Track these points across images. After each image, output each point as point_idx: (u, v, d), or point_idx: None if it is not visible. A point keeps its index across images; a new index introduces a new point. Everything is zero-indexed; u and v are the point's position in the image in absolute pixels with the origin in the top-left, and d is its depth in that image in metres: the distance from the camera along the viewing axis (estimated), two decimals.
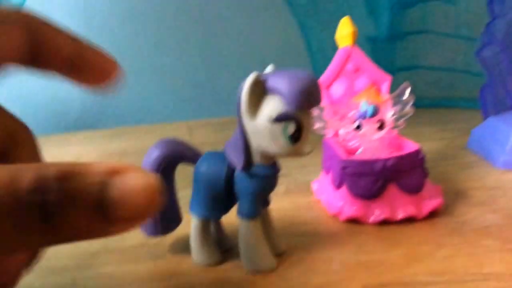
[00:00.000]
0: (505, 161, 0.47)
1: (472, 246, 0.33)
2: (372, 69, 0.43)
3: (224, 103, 0.90)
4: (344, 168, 0.38)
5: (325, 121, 0.42)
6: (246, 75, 0.27)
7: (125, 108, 0.90)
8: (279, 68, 0.29)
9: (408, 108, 0.41)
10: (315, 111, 0.41)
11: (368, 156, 0.38)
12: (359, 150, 0.40)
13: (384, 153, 0.39)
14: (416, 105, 0.77)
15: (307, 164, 0.55)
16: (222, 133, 0.72)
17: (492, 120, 0.52)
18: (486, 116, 0.56)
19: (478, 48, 0.56)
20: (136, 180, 0.16)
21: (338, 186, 0.39)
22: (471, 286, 0.28)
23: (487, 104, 0.57)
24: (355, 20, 0.75)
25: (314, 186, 0.44)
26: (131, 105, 0.90)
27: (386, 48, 0.75)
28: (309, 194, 0.44)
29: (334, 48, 0.44)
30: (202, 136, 0.71)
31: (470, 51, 0.69)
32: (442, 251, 0.33)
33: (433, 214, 0.38)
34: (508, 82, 0.53)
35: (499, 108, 0.55)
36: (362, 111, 0.39)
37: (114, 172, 0.16)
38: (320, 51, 0.83)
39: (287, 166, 0.54)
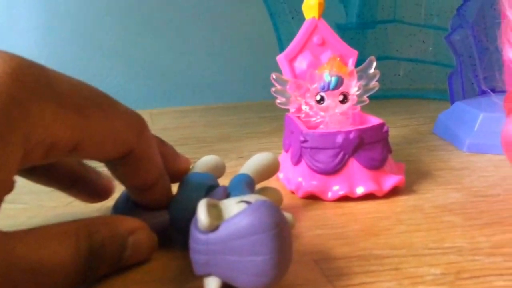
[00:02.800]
0: (471, 144, 0.46)
1: (433, 222, 0.31)
2: (338, 43, 0.42)
3: (189, 92, 0.87)
4: (303, 141, 0.36)
5: (288, 95, 0.40)
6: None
7: None
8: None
9: (374, 83, 0.40)
10: (276, 86, 0.39)
11: (332, 130, 0.37)
12: (321, 126, 0.38)
13: (349, 128, 0.37)
14: (385, 96, 0.76)
15: (269, 146, 0.53)
16: (184, 119, 0.70)
17: (459, 104, 0.51)
18: (453, 102, 0.54)
19: (448, 33, 0.55)
20: (144, 239, 0.26)
21: (297, 161, 0.37)
22: (430, 259, 0.27)
23: (455, 90, 0.56)
24: (326, 7, 0.74)
25: None
26: None
27: (356, 37, 0.73)
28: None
29: None
30: (164, 123, 0.69)
31: (441, 41, 0.68)
32: (402, 226, 0.31)
33: (394, 192, 0.36)
34: (477, 67, 0.52)
35: (467, 95, 0.54)
36: (325, 82, 0.37)
37: (132, 233, 0.25)
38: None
39: (248, 149, 0.52)
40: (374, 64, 0.39)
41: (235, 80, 0.90)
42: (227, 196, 0.28)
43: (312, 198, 0.36)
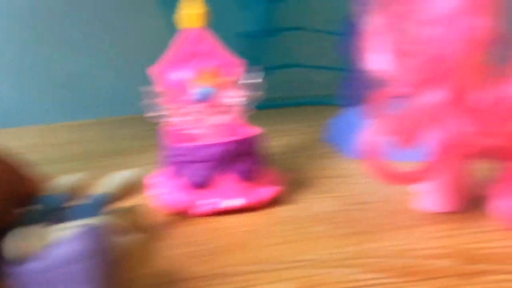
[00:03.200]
0: (353, 150, 0.46)
1: (302, 233, 0.31)
2: (222, 53, 0.41)
3: (83, 105, 0.83)
4: (173, 155, 0.35)
5: (163, 108, 0.38)
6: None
7: None
8: None
9: (256, 92, 0.39)
10: (152, 98, 0.38)
11: (205, 142, 0.36)
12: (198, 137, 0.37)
13: (223, 139, 0.36)
14: (290, 103, 0.77)
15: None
16: (76, 134, 0.67)
17: (347, 111, 0.52)
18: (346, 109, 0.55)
19: (339, 41, 0.56)
20: None
21: (169, 176, 0.36)
22: (284, 273, 0.26)
23: (345, 98, 0.57)
24: (225, 15, 0.73)
25: (149, 180, 0.40)
26: None
27: (259, 45, 0.73)
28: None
29: None
30: (55, 138, 0.66)
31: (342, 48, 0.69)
32: (270, 239, 0.31)
33: (272, 203, 0.36)
34: (365, 75, 0.53)
35: (357, 101, 0.55)
36: (198, 94, 0.36)
37: None
38: None
39: (139, 163, 0.50)
40: (256, 74, 0.39)
41: (131, 92, 0.87)
42: (76, 217, 0.26)
43: (185, 213, 0.35)
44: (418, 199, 0.34)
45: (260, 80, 0.38)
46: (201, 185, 0.34)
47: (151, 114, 0.38)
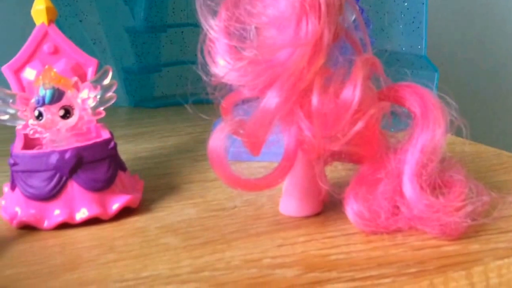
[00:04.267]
0: (234, 152, 0.45)
1: (148, 246, 0.29)
2: (74, 52, 0.38)
3: None
4: (12, 164, 0.31)
5: (14, 111, 0.35)
6: None
7: None
8: None
9: (110, 94, 0.36)
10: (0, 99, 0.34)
11: (46, 149, 0.33)
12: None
13: (68, 145, 0.33)
14: (179, 102, 0.74)
15: None
16: None
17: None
18: None
19: None
20: None
21: (12, 187, 0.32)
22: None
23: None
24: (112, 8, 0.69)
25: (4, 189, 0.37)
26: None
27: (149, 41, 0.70)
28: None
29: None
30: None
31: None
32: (110, 255, 0.28)
33: (127, 213, 0.33)
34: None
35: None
36: (39, 96, 0.33)
37: None
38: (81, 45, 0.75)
39: None
40: (110, 74, 0.36)
41: None
42: None
43: (30, 227, 0.32)
44: (280, 203, 0.33)
45: (113, 81, 0.35)
46: (44, 197, 0.31)
47: (1, 117, 0.34)
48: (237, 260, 0.27)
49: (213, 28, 0.29)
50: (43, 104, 0.33)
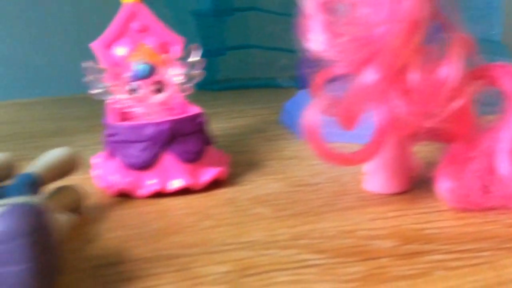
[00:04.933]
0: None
1: (241, 215, 0.30)
2: (161, 30, 0.39)
3: (26, 84, 0.80)
4: (111, 135, 0.33)
5: (105, 85, 0.36)
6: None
7: None
8: None
9: (197, 71, 0.37)
10: (94, 75, 0.36)
11: (144, 121, 0.34)
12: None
13: (163, 118, 0.34)
14: (245, 85, 0.75)
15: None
16: (15, 113, 0.64)
17: (301, 93, 0.51)
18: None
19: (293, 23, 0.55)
20: None
21: (109, 156, 0.34)
22: (221, 256, 0.25)
23: (303, 79, 0.56)
24: None
25: (93, 160, 0.39)
26: None
27: (214, 24, 0.71)
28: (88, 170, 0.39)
29: None
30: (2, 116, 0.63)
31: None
32: (207, 222, 0.29)
33: (214, 185, 0.34)
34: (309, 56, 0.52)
35: (309, 83, 0.54)
36: (134, 71, 0.34)
37: None
38: None
39: (81, 144, 0.48)
40: (197, 51, 0.37)
41: (75, 71, 0.84)
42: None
43: (125, 195, 0.33)
44: (365, 180, 0.33)
45: (200, 59, 0.37)
46: (140, 166, 0.33)
47: (92, 91, 0.36)
48: (331, 231, 0.27)
49: (310, 4, 0.29)
50: (138, 78, 0.34)
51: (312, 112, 0.29)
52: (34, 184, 0.27)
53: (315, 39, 0.29)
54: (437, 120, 0.28)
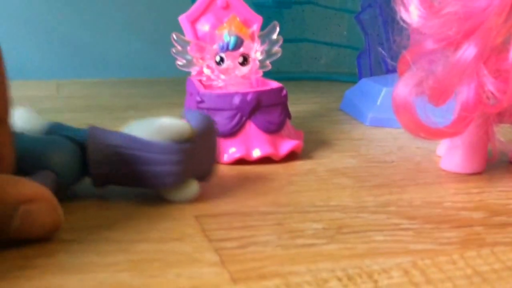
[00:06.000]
0: (373, 118, 0.46)
1: (324, 183, 0.31)
2: (243, 8, 0.41)
3: (98, 65, 0.83)
4: (199, 101, 0.34)
5: (189, 57, 0.38)
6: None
7: None
8: None
9: (276, 48, 0.39)
10: (177, 47, 0.38)
11: (231, 90, 0.35)
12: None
13: (248, 89, 0.36)
14: (300, 77, 0.76)
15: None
16: (91, 90, 0.66)
17: (364, 81, 0.52)
18: None
19: (358, 12, 0.56)
20: (42, 211, 0.21)
21: None
22: (314, 215, 0.26)
23: (363, 69, 0.56)
24: None
25: None
26: None
27: (273, 16, 0.72)
28: None
29: None
30: (69, 92, 0.65)
31: (355, 26, 0.68)
32: (292, 187, 0.30)
33: (291, 157, 0.35)
34: (384, 45, 0.53)
35: (374, 73, 0.55)
36: (224, 42, 0.35)
37: (24, 201, 0.20)
38: None
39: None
40: (278, 29, 0.39)
41: (148, 54, 0.86)
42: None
43: None
44: (442, 159, 0.34)
45: (279, 36, 0.38)
46: (225, 134, 0.34)
47: (178, 62, 0.38)
48: (417, 201, 0.28)
49: None
50: (227, 49, 0.35)
51: (405, 83, 0.30)
52: None
53: (412, 13, 0.30)
54: None
